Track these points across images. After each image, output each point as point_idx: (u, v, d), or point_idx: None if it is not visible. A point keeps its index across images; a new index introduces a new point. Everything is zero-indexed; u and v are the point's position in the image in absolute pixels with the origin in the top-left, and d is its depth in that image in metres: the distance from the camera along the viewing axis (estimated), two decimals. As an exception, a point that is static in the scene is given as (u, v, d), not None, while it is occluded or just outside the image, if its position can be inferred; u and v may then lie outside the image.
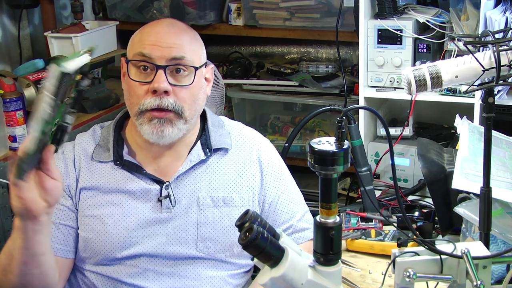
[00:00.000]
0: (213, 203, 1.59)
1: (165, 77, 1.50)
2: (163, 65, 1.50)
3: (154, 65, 1.51)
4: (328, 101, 2.74)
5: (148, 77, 1.52)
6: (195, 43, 1.59)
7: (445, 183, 1.76)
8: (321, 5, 2.81)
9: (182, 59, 1.52)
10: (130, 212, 1.57)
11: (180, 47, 1.53)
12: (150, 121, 1.52)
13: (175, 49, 1.52)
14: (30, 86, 2.36)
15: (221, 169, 1.62)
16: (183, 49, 1.53)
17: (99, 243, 1.56)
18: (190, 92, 1.54)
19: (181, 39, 1.54)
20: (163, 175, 1.59)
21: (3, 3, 2.90)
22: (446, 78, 1.33)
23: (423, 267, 1.22)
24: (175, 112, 1.52)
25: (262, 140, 1.72)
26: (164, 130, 1.52)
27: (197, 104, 1.58)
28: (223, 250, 1.59)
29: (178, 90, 1.52)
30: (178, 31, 1.56)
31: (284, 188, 1.67)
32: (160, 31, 1.54)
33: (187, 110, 1.54)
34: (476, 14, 2.10)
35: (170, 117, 1.52)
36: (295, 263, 1.11)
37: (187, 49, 1.54)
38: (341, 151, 1.09)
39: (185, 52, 1.53)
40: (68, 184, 1.59)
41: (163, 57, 1.51)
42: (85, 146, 1.63)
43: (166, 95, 1.51)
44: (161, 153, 1.59)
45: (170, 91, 1.51)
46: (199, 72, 1.56)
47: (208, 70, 1.63)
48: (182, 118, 1.53)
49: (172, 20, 1.62)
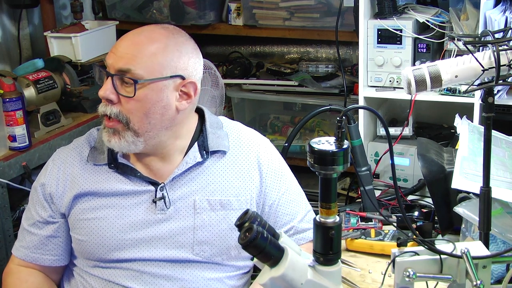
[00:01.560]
0: (210, 206, 1.58)
1: (111, 86, 1.48)
2: (110, 73, 1.48)
3: (105, 72, 1.50)
4: (328, 101, 2.74)
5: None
6: (159, 55, 1.48)
7: (445, 183, 1.76)
8: (321, 5, 2.81)
9: (128, 71, 1.46)
10: (124, 214, 1.56)
11: (131, 58, 1.47)
12: (104, 128, 1.54)
13: (124, 60, 1.47)
14: (30, 86, 2.36)
15: (218, 172, 1.61)
16: (132, 61, 1.46)
17: (95, 246, 1.56)
18: (137, 104, 1.48)
19: (135, 50, 1.47)
20: (158, 177, 1.59)
21: (3, 3, 2.90)
22: (446, 78, 1.33)
23: (423, 267, 1.22)
24: (122, 123, 1.50)
25: (262, 142, 1.70)
26: (111, 140, 1.52)
27: (151, 117, 1.50)
28: (220, 253, 1.59)
29: (124, 100, 1.49)
30: (140, 41, 1.49)
31: (284, 189, 1.66)
32: (124, 39, 1.51)
33: (136, 123, 1.50)
34: (476, 14, 2.10)
35: (117, 128, 1.50)
36: (295, 263, 1.11)
37: (140, 61, 1.47)
38: (340, 151, 1.09)
39: (134, 64, 1.46)
40: (50, 192, 1.59)
41: (112, 65, 1.48)
42: (81, 149, 1.63)
43: (111, 104, 1.49)
44: (146, 157, 1.59)
45: (114, 100, 1.48)
46: (155, 86, 1.48)
47: (186, 84, 1.52)
48: (130, 130, 1.50)
49: (150, 28, 1.54)
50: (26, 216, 1.65)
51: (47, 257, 1.62)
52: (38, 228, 1.61)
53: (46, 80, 2.44)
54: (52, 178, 1.60)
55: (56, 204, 1.59)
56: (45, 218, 1.60)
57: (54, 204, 1.59)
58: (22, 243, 1.64)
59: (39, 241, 1.61)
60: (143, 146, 1.53)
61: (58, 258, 1.63)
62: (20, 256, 1.63)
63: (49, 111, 2.42)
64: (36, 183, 1.63)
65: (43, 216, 1.60)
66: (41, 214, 1.60)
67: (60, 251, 1.63)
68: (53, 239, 1.61)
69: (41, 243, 1.61)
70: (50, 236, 1.61)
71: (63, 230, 1.62)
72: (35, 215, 1.61)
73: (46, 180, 1.61)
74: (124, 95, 1.48)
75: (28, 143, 2.24)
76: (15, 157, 2.21)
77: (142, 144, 1.53)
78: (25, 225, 1.64)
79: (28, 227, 1.62)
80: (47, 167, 1.64)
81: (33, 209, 1.62)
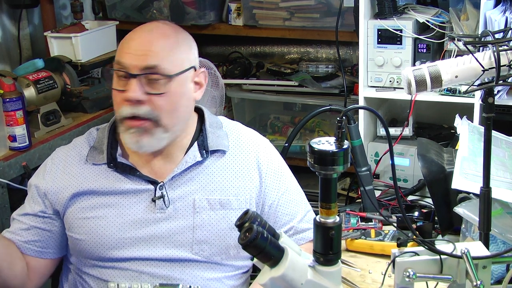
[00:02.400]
0: (209, 206, 1.58)
1: (139, 86, 1.47)
2: (136, 74, 1.48)
3: (128, 73, 1.49)
4: (328, 101, 2.74)
5: (125, 85, 1.49)
6: (177, 49, 1.53)
7: (445, 183, 1.76)
8: (321, 5, 2.81)
9: (155, 67, 1.48)
10: (123, 213, 1.56)
11: (155, 55, 1.48)
12: (128, 130, 1.51)
13: (149, 57, 1.48)
14: (30, 86, 2.36)
15: (218, 171, 1.61)
16: (157, 57, 1.48)
17: (93, 245, 1.56)
18: (168, 100, 1.50)
19: (157, 46, 1.49)
20: (157, 176, 1.59)
21: (3, 3, 2.90)
22: (446, 78, 1.33)
23: (423, 267, 1.22)
24: (152, 120, 1.50)
25: (261, 142, 1.71)
26: (142, 140, 1.51)
27: (179, 111, 1.54)
28: (219, 253, 1.59)
29: (154, 98, 1.49)
30: (155, 37, 1.51)
31: (284, 189, 1.67)
32: (137, 37, 1.52)
33: (165, 118, 1.51)
34: (476, 14, 2.10)
35: (147, 127, 1.50)
36: (295, 263, 1.11)
37: (162, 56, 1.49)
38: (341, 151, 1.09)
39: (159, 60, 1.48)
40: (45, 191, 1.59)
41: (136, 66, 1.48)
42: (80, 149, 1.63)
43: (140, 104, 1.48)
44: (152, 157, 1.59)
45: (144, 100, 1.48)
46: (179, 79, 1.52)
47: (198, 74, 1.58)
48: (160, 127, 1.51)
49: (155, 24, 1.57)
50: (19, 208, 1.64)
51: (30, 247, 1.60)
52: (27, 218, 1.60)
53: (46, 80, 2.44)
54: (50, 177, 1.60)
55: (50, 201, 1.59)
56: (36, 212, 1.60)
57: (48, 200, 1.59)
58: (9, 229, 1.62)
59: (26, 229, 1.60)
60: (167, 142, 1.55)
61: (41, 250, 1.61)
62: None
63: (49, 111, 2.42)
64: (32, 180, 1.63)
65: (34, 210, 1.60)
66: (33, 208, 1.60)
67: (44, 244, 1.61)
68: (40, 230, 1.60)
69: (27, 232, 1.60)
70: (38, 228, 1.60)
71: (53, 226, 1.60)
72: (27, 208, 1.61)
73: (43, 180, 1.61)
74: (155, 92, 1.49)
75: (28, 143, 2.24)
76: (15, 157, 2.21)
77: (167, 140, 1.54)
78: (15, 214, 1.63)
79: (18, 216, 1.62)
80: (45, 165, 1.64)
81: (27, 203, 1.62)
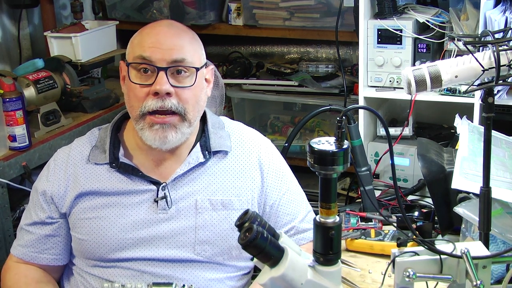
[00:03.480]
0: (211, 206, 1.58)
1: (167, 79, 1.49)
2: (164, 67, 1.50)
3: (155, 67, 1.50)
4: (328, 101, 2.74)
5: (149, 79, 1.51)
6: (195, 43, 1.58)
7: (444, 183, 1.76)
8: (321, 5, 2.81)
9: (183, 60, 1.51)
10: (125, 214, 1.56)
11: (181, 48, 1.52)
12: (151, 126, 1.51)
13: (176, 51, 1.51)
14: (30, 86, 2.36)
15: (220, 172, 1.61)
16: (183, 50, 1.52)
17: (95, 245, 1.56)
18: (192, 93, 1.53)
19: (181, 40, 1.54)
20: (160, 177, 1.59)
21: (3, 3, 2.90)
22: (446, 78, 1.33)
23: (422, 267, 1.22)
24: (179, 114, 1.51)
25: (263, 142, 1.71)
26: (168, 136, 1.51)
27: (200, 105, 1.57)
28: (221, 253, 1.59)
29: (180, 91, 1.51)
30: (177, 32, 1.55)
31: (285, 189, 1.67)
32: (160, 32, 1.54)
33: (191, 111, 1.53)
34: (476, 14, 2.10)
35: (174, 122, 1.51)
36: (295, 263, 1.11)
37: (188, 50, 1.53)
38: (340, 151, 1.09)
39: (185, 53, 1.52)
40: (51, 195, 1.59)
41: (164, 59, 1.50)
42: (82, 149, 1.63)
43: (168, 97, 1.50)
44: (162, 157, 1.59)
45: (172, 93, 1.50)
46: (200, 73, 1.56)
47: (208, 71, 1.62)
48: (186, 121, 1.53)
49: (170, 21, 1.62)
50: (25, 216, 1.65)
51: (45, 256, 1.62)
52: (36, 227, 1.61)
53: (46, 80, 2.44)
54: (54, 179, 1.60)
55: (57, 205, 1.59)
56: (43, 219, 1.61)
57: (54, 205, 1.59)
58: (20, 242, 1.64)
59: (37, 240, 1.61)
60: (186, 137, 1.57)
61: (56, 257, 1.63)
62: (18, 255, 1.63)
63: (49, 111, 2.42)
64: (37, 184, 1.63)
65: (41, 217, 1.61)
66: (40, 216, 1.61)
67: (58, 251, 1.63)
68: (51, 238, 1.61)
69: (39, 242, 1.61)
70: (49, 235, 1.61)
71: (63, 230, 1.62)
72: (34, 216, 1.62)
73: (48, 183, 1.61)
74: (183, 85, 1.51)
75: (28, 143, 2.24)
76: (15, 157, 2.21)
77: (187, 135, 1.56)
78: (23, 224, 1.64)
79: (26, 226, 1.63)
80: (48, 167, 1.64)
81: (32, 210, 1.63)
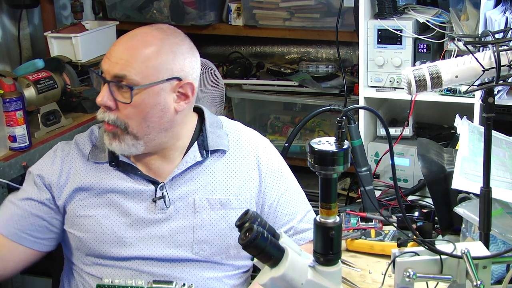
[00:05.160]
0: (209, 206, 1.58)
1: (109, 92, 1.47)
2: (106, 80, 1.48)
3: (101, 78, 1.49)
4: (328, 101, 2.74)
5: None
6: (153, 59, 1.47)
7: (445, 183, 1.76)
8: (321, 5, 2.81)
9: (123, 77, 1.46)
10: (124, 213, 1.56)
11: (125, 64, 1.46)
12: (105, 132, 1.54)
13: (119, 66, 1.46)
14: (30, 86, 2.36)
15: (218, 171, 1.61)
16: (127, 67, 1.46)
17: (94, 243, 1.56)
18: (136, 110, 1.48)
19: (131, 55, 1.47)
20: (158, 176, 1.59)
21: (3, 3, 2.90)
22: (446, 78, 1.33)
23: (423, 267, 1.22)
24: (120, 127, 1.50)
25: (261, 141, 1.71)
26: (112, 144, 1.53)
27: (150, 121, 1.50)
28: (219, 252, 1.59)
29: (121, 106, 1.49)
30: (133, 46, 1.48)
31: (284, 189, 1.67)
32: (117, 44, 1.51)
33: (135, 127, 1.50)
34: (476, 14, 2.10)
35: (116, 132, 1.51)
36: (295, 263, 1.11)
37: (133, 66, 1.46)
38: (341, 151, 1.09)
39: (129, 70, 1.46)
40: (50, 183, 1.58)
41: (108, 71, 1.48)
42: (82, 146, 1.63)
43: (108, 110, 1.49)
44: (147, 156, 1.59)
45: (112, 107, 1.48)
46: (151, 90, 1.48)
47: (183, 85, 1.52)
48: (128, 134, 1.51)
49: (143, 30, 1.53)
50: (15, 193, 1.60)
51: (25, 236, 1.56)
52: (28, 204, 1.56)
53: (46, 80, 2.44)
54: (54, 168, 1.59)
55: (53, 194, 1.58)
56: (43, 200, 1.56)
57: (51, 193, 1.57)
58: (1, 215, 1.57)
59: (22, 215, 1.56)
60: (143, 148, 1.54)
61: (36, 240, 1.57)
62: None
63: (49, 111, 2.42)
64: (34, 169, 1.60)
65: (41, 197, 1.56)
66: (39, 195, 1.56)
67: (41, 234, 1.57)
68: (37, 219, 1.56)
69: (23, 218, 1.55)
70: (36, 215, 1.56)
71: (54, 219, 1.58)
72: (30, 192, 1.57)
73: (46, 169, 1.59)
74: (121, 101, 1.48)
75: (28, 143, 2.24)
76: (15, 157, 2.21)
77: (142, 146, 1.54)
78: (11, 198, 1.59)
79: (14, 199, 1.58)
80: (49, 156, 1.62)
81: (29, 188, 1.58)
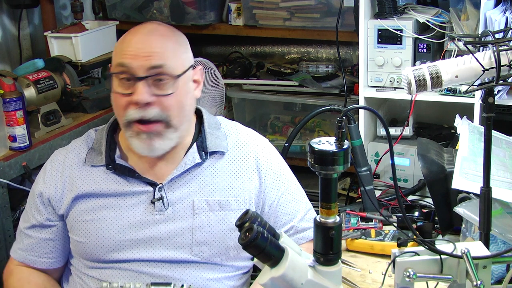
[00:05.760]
0: (208, 207, 1.58)
1: (146, 88, 1.47)
2: (143, 76, 1.46)
3: (134, 76, 1.47)
4: (328, 101, 2.74)
5: (130, 87, 1.48)
6: (178, 48, 1.54)
7: (445, 183, 1.76)
8: (321, 5, 2.81)
9: (162, 67, 1.47)
10: (122, 215, 1.56)
11: (160, 55, 1.48)
12: (138, 135, 1.50)
13: (154, 58, 1.47)
14: (30, 86, 2.36)
15: (216, 173, 1.61)
16: (163, 57, 1.48)
17: (93, 247, 1.56)
18: (175, 99, 1.50)
19: (161, 47, 1.49)
20: (157, 178, 1.59)
21: (3, 3, 2.90)
22: (446, 78, 1.33)
23: (423, 267, 1.22)
24: (162, 121, 1.49)
25: (260, 142, 1.70)
26: (154, 144, 1.51)
27: (185, 110, 1.54)
28: (219, 254, 1.58)
29: (162, 99, 1.48)
30: (158, 38, 1.51)
31: (284, 189, 1.66)
32: (139, 39, 1.50)
33: (175, 117, 1.51)
34: (476, 14, 2.10)
35: (158, 129, 1.50)
36: (295, 263, 1.11)
37: (167, 56, 1.49)
38: (341, 151, 1.09)
39: (165, 60, 1.48)
40: (49, 197, 1.59)
41: (142, 67, 1.46)
42: (78, 151, 1.63)
43: (149, 106, 1.47)
44: (156, 159, 1.58)
45: (152, 102, 1.47)
46: (184, 78, 1.52)
47: (196, 71, 1.59)
48: (171, 127, 1.51)
49: (153, 25, 1.56)
50: (23, 218, 1.65)
51: (44, 260, 1.63)
52: (35, 231, 1.62)
53: (46, 80, 2.44)
54: (51, 181, 1.60)
55: (54, 207, 1.60)
56: (42, 222, 1.61)
57: (51, 207, 1.60)
58: (19, 245, 1.64)
59: (36, 243, 1.62)
60: (176, 142, 1.55)
61: (55, 260, 1.64)
62: (18, 258, 1.64)
63: (49, 111, 2.42)
64: (35, 187, 1.63)
65: (39, 220, 1.61)
66: (38, 219, 1.61)
67: (57, 254, 1.63)
68: (50, 242, 1.62)
69: (38, 246, 1.62)
70: (47, 239, 1.62)
71: (61, 232, 1.62)
72: (31, 219, 1.62)
73: (44, 185, 1.61)
74: (163, 94, 1.48)
75: (28, 143, 2.24)
76: (15, 157, 2.21)
77: (176, 140, 1.55)
78: (22, 227, 1.64)
79: (25, 229, 1.63)
80: (45, 169, 1.64)
81: (29, 212, 1.63)
